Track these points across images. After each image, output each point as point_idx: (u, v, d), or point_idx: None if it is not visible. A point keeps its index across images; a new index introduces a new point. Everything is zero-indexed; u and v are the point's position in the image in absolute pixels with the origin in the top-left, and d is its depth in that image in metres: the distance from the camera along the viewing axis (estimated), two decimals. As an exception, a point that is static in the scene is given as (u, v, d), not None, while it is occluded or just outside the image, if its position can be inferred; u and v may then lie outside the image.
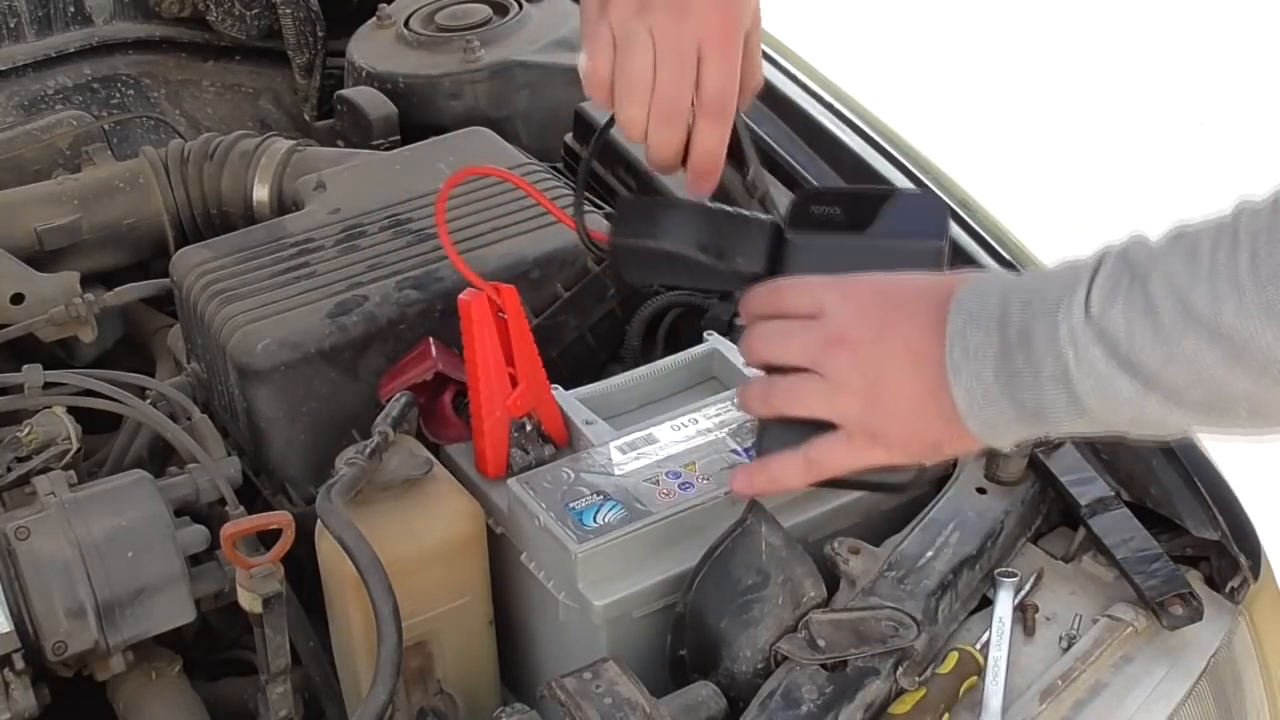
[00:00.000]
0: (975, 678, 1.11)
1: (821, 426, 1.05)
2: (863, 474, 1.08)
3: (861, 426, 1.04)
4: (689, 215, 1.20)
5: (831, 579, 1.16)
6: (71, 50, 2.07)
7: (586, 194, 1.57)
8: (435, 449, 1.29)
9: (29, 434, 1.28)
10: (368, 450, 1.20)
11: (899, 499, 1.27)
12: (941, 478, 1.28)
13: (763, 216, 1.20)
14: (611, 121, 1.21)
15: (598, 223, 1.30)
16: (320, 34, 2.01)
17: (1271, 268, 0.84)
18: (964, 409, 0.98)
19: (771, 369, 1.08)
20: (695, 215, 1.19)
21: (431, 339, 1.33)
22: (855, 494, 1.24)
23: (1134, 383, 0.90)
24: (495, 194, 1.50)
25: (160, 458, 1.43)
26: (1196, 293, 0.87)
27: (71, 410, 1.32)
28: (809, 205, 1.19)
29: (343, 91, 1.85)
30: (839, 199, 1.21)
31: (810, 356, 1.05)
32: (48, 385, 1.35)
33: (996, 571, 1.19)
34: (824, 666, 1.09)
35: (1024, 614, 1.18)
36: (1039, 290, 0.96)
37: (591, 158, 1.43)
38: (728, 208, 1.21)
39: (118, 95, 2.07)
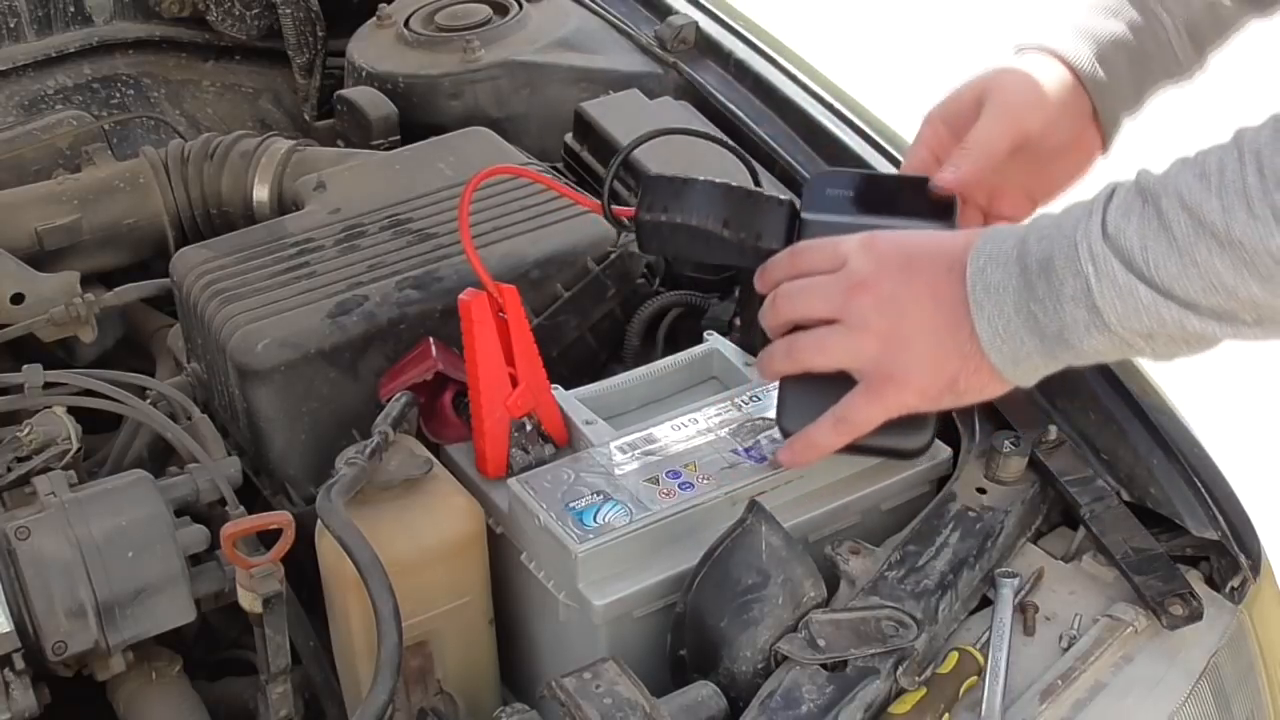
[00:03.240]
0: (975, 678, 1.11)
1: (840, 388, 1.12)
2: (878, 438, 1.14)
3: (879, 369, 1.10)
4: (713, 192, 1.25)
5: (831, 579, 1.16)
6: (71, 50, 2.07)
7: (579, 188, 1.58)
8: (435, 449, 1.29)
9: (29, 434, 1.28)
10: (368, 450, 1.20)
11: (898, 499, 1.27)
12: (942, 478, 1.28)
13: (780, 196, 1.26)
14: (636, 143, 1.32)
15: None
16: (320, 34, 2.01)
17: (1276, 177, 0.91)
18: (987, 343, 1.05)
19: (795, 329, 1.15)
20: (719, 192, 1.25)
21: (431, 339, 1.33)
22: (856, 494, 1.24)
23: (1151, 291, 0.96)
24: (496, 194, 1.50)
25: (160, 458, 1.43)
26: (1207, 206, 0.94)
27: (71, 410, 1.32)
28: (823, 188, 1.25)
29: (343, 91, 1.85)
30: (850, 182, 1.27)
31: (833, 305, 1.12)
32: (48, 385, 1.35)
33: (996, 571, 1.19)
34: (824, 666, 1.09)
35: (1024, 614, 1.17)
36: (1055, 223, 1.03)
37: (623, 156, 1.44)
38: (747, 187, 1.25)
39: (118, 95, 2.08)
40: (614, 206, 1.29)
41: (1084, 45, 1.24)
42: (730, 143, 1.38)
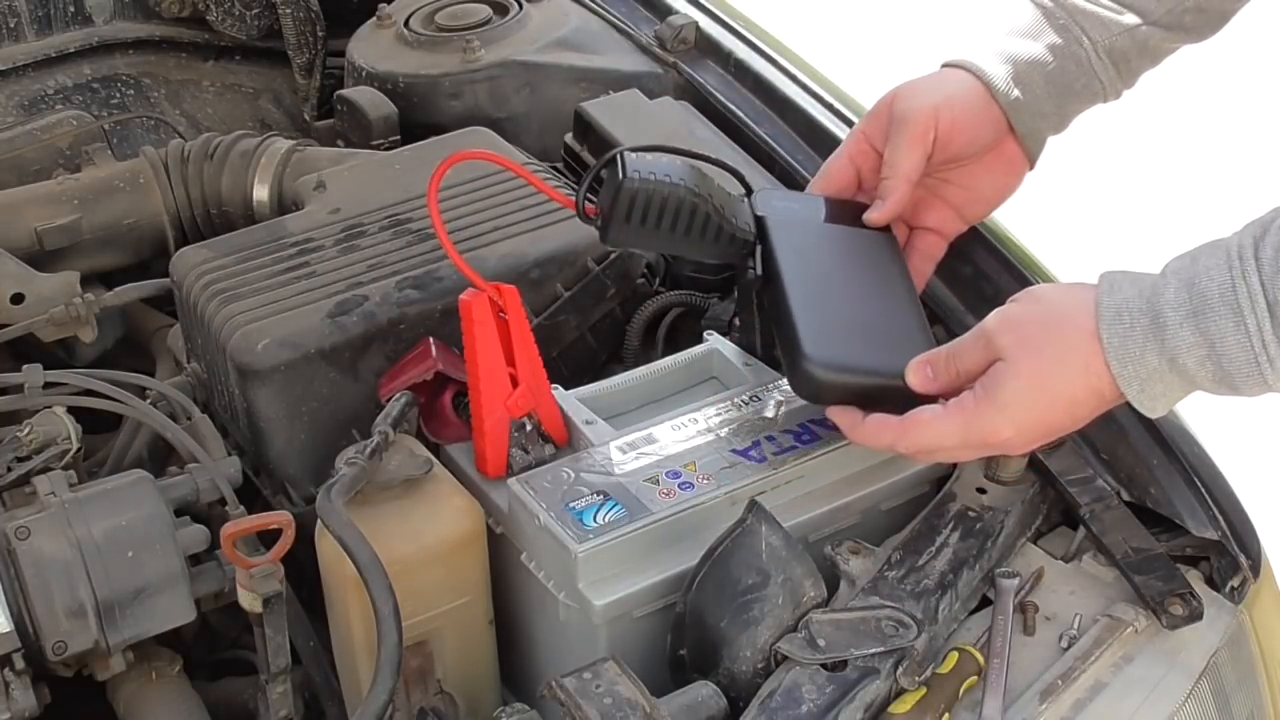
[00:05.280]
0: (975, 678, 1.11)
1: (867, 337, 1.21)
2: None
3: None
4: (689, 165, 1.26)
5: (831, 579, 1.17)
6: (71, 50, 2.07)
7: (569, 180, 1.58)
8: (435, 449, 1.29)
9: (29, 434, 1.28)
10: (368, 450, 1.20)
11: (898, 499, 1.27)
12: (942, 477, 1.28)
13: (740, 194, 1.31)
14: (618, 151, 1.27)
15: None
16: (320, 34, 2.01)
17: None
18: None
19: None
20: (694, 167, 1.26)
21: (431, 339, 1.33)
22: (856, 494, 1.24)
23: None
24: (495, 193, 1.50)
25: (160, 458, 1.43)
26: None
27: (71, 410, 1.32)
28: (769, 200, 1.31)
29: (343, 91, 1.85)
30: (792, 198, 1.35)
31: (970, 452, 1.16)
32: (48, 385, 1.35)
33: (996, 571, 1.19)
34: (824, 666, 1.09)
35: (1024, 614, 1.18)
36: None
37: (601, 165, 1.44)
38: (708, 168, 1.29)
39: (118, 95, 2.07)
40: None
41: (1001, 65, 1.29)
42: (716, 158, 1.38)
